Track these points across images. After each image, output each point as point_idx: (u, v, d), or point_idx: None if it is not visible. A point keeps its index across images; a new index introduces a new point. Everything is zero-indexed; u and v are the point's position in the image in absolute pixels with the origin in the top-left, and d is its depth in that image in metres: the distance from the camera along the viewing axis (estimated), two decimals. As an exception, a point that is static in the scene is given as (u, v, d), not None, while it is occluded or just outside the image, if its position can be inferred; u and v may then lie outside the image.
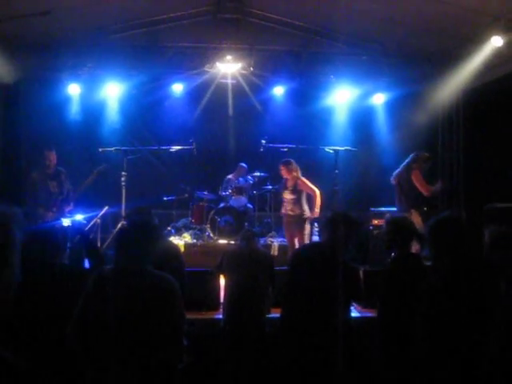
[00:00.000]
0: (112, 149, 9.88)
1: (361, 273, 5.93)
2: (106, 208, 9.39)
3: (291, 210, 9.47)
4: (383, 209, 10.29)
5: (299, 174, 9.57)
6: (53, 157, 9.16)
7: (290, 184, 9.55)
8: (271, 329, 6.11)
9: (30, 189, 9.05)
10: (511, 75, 9.39)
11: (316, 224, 9.67)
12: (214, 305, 7.25)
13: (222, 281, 6.84)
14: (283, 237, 10.74)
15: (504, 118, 9.62)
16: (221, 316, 6.55)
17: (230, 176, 11.49)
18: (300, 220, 9.40)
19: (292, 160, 9.69)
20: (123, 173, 9.55)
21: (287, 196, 9.56)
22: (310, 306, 4.99)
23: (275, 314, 6.35)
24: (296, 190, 9.47)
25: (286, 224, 9.65)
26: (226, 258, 6.48)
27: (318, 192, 9.43)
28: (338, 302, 4.97)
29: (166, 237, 6.25)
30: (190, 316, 7.02)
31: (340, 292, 4.91)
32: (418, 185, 8.92)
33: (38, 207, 8.82)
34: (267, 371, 5.88)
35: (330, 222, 5.21)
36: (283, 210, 9.65)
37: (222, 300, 6.76)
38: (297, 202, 9.45)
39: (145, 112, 11.97)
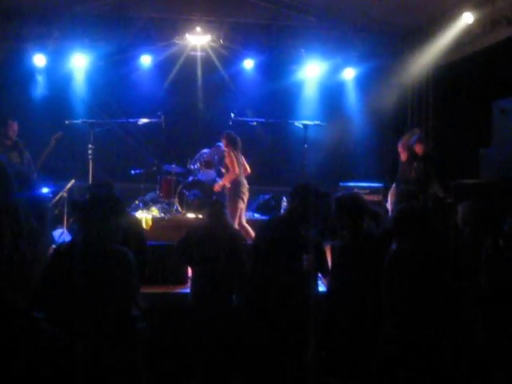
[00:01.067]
0: (79, 121, 9.70)
1: (328, 247, 5.94)
2: (73, 181, 9.26)
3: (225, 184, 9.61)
4: (352, 183, 10.32)
5: (230, 148, 9.55)
6: (16, 127, 9.00)
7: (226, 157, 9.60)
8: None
9: None
10: (481, 53, 9.37)
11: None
12: (181, 279, 7.22)
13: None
14: (252, 211, 10.73)
15: (473, 96, 9.64)
16: (188, 290, 6.49)
17: (205, 150, 11.28)
18: (228, 190, 9.50)
19: (230, 132, 9.66)
20: (90, 146, 9.36)
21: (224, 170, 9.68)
22: (275, 281, 4.97)
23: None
24: (226, 164, 9.58)
25: None
26: (193, 233, 6.36)
27: (232, 174, 9.39)
28: (301, 276, 4.97)
29: (129, 211, 6.10)
30: (156, 290, 7.09)
31: (303, 265, 4.91)
32: None
33: None
34: (235, 347, 5.88)
35: (296, 193, 5.16)
36: None
37: (190, 274, 6.69)
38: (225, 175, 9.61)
39: (112, 84, 11.71)
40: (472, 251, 4.44)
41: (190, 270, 6.69)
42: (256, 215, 10.48)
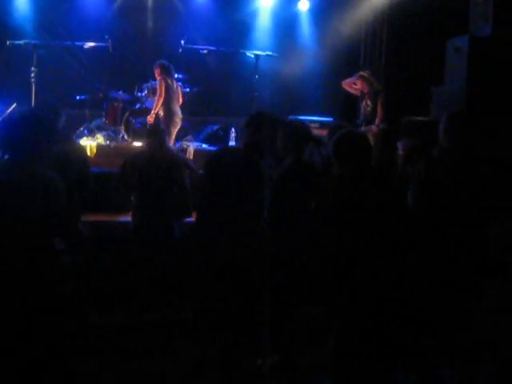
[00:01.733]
0: (21, 42, 9.30)
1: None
2: (14, 105, 8.92)
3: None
4: (303, 117, 10.21)
5: (162, 76, 9.42)
6: None
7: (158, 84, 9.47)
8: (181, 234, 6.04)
9: None
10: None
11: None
12: (125, 207, 7.08)
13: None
14: (200, 141, 10.57)
15: (428, 33, 9.56)
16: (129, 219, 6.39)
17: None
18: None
19: (163, 61, 9.52)
20: (33, 68, 8.99)
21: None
22: (228, 213, 4.80)
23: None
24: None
25: None
26: (133, 159, 6.22)
27: (159, 100, 9.32)
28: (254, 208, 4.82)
29: (73, 137, 5.89)
30: (101, 218, 6.98)
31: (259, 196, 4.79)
32: None
33: None
34: (178, 276, 5.85)
35: (252, 122, 4.90)
36: None
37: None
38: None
39: (58, 4, 11.22)
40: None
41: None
42: (204, 145, 10.30)
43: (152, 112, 9.43)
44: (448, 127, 4.72)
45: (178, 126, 9.51)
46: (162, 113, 9.39)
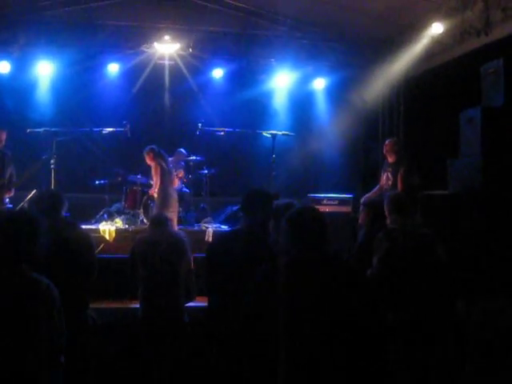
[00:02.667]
0: (41, 130, 9.47)
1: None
2: (34, 192, 9.00)
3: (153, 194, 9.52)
4: (322, 195, 10.15)
5: (156, 161, 9.43)
6: (3, 136, 8.71)
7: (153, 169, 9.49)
8: (193, 318, 5.90)
9: None
10: (451, 63, 9.33)
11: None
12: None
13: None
14: (219, 223, 10.53)
15: (443, 106, 9.56)
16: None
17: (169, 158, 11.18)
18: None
19: (153, 147, 9.50)
20: (53, 155, 9.14)
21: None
22: (238, 296, 4.70)
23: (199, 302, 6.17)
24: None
25: None
26: (138, 246, 6.18)
27: (155, 188, 9.39)
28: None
29: (76, 225, 5.87)
30: (113, 305, 6.88)
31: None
32: None
33: None
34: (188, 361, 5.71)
35: (252, 203, 4.74)
36: None
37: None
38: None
39: (78, 92, 11.44)
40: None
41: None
42: (223, 227, 10.25)
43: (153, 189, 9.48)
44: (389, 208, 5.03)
45: (176, 209, 9.50)
46: (157, 196, 9.39)
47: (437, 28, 9.13)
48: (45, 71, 11.29)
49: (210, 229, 9.68)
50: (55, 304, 3.49)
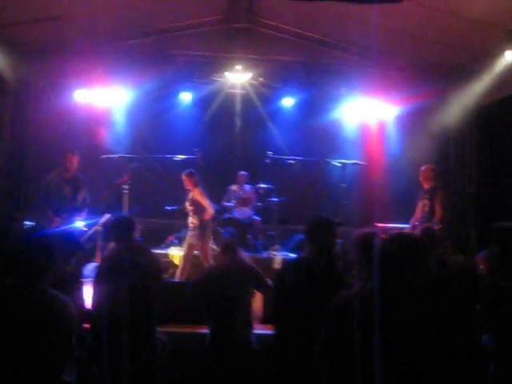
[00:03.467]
0: (115, 156, 9.75)
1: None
2: (107, 216, 9.22)
3: (191, 222, 9.35)
4: (392, 224, 10.05)
5: (196, 186, 9.38)
6: (75, 160, 9.01)
7: (190, 195, 9.38)
8: (260, 345, 5.88)
9: (43, 190, 8.88)
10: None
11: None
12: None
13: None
14: (288, 250, 10.54)
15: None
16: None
17: (233, 187, 11.33)
18: (199, 229, 9.26)
19: (193, 171, 9.46)
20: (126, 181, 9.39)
21: (188, 207, 9.41)
22: (304, 324, 4.70)
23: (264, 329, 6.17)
24: (193, 201, 9.31)
25: (188, 236, 9.44)
26: (208, 276, 6.21)
27: (209, 211, 9.29)
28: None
29: (147, 249, 5.97)
30: (182, 330, 6.94)
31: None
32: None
33: (47, 209, 8.65)
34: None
35: (316, 231, 4.85)
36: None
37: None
38: (195, 213, 9.29)
39: (151, 120, 11.79)
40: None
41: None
42: (291, 255, 10.23)
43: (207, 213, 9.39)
44: None
45: None
46: (196, 221, 9.32)
47: (510, 55, 9.00)
48: (120, 99, 11.63)
49: (279, 257, 9.71)
50: (70, 321, 3.52)
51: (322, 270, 4.70)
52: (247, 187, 11.39)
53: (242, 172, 11.48)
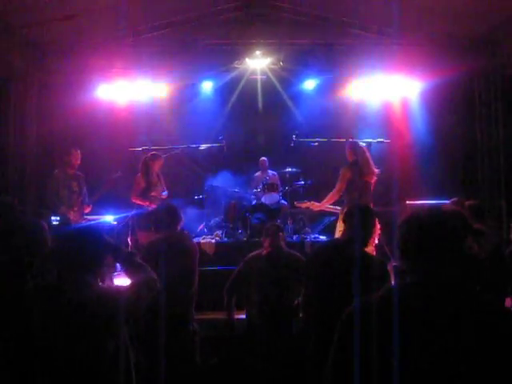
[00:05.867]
0: (140, 148, 9.81)
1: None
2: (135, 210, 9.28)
3: None
4: (419, 201, 9.99)
5: None
6: (79, 156, 9.12)
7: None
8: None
9: (53, 186, 8.99)
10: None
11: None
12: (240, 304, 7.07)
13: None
14: (317, 233, 10.54)
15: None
16: (243, 316, 6.34)
17: (257, 173, 11.37)
18: None
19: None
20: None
21: None
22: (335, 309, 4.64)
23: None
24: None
25: None
26: (249, 265, 6.20)
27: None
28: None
29: (191, 238, 6.03)
30: (213, 316, 7.01)
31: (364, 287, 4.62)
32: None
33: (60, 205, 8.75)
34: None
35: (349, 215, 4.87)
36: None
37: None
38: None
39: (174, 110, 11.84)
40: None
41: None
42: (322, 237, 10.23)
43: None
44: None
45: None
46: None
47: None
48: (142, 91, 11.68)
49: (309, 240, 9.71)
50: (118, 314, 3.23)
51: (354, 256, 4.66)
52: (270, 173, 11.41)
53: (263, 158, 11.50)
